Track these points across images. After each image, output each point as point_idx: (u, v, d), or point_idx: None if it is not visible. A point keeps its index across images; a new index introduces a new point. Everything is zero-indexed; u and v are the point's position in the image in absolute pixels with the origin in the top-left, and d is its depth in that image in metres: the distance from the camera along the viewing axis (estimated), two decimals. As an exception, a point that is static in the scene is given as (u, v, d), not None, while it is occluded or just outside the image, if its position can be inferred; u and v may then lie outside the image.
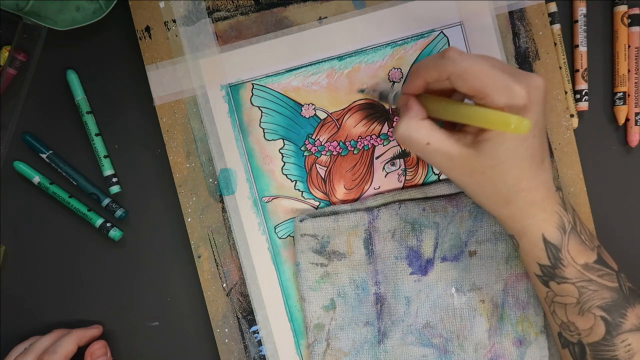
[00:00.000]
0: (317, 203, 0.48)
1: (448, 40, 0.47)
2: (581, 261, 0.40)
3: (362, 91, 0.47)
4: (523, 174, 0.38)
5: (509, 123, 0.34)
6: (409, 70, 0.47)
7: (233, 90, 0.47)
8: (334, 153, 0.48)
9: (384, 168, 0.48)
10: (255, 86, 0.47)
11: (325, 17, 0.47)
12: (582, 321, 0.40)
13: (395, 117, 0.47)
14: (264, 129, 0.47)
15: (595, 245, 0.41)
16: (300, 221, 0.46)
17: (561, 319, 0.41)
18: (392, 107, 0.47)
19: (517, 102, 0.36)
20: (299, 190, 0.48)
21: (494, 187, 0.39)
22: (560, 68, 0.48)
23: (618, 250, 0.49)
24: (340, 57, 0.47)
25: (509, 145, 0.37)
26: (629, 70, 0.49)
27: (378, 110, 0.47)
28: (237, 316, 0.48)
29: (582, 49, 0.48)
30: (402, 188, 0.48)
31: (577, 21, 0.48)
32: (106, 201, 0.48)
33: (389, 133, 0.47)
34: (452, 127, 0.42)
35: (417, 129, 0.39)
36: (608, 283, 0.40)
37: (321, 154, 0.48)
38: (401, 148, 0.48)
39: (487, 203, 0.41)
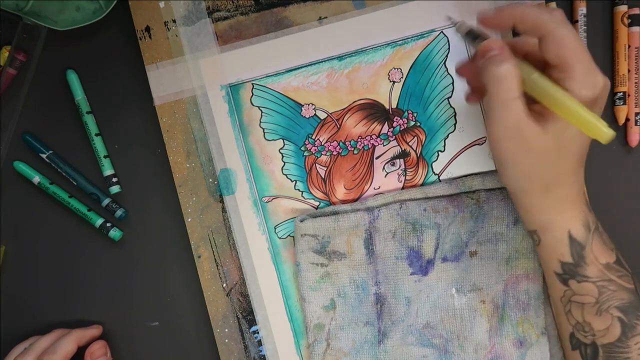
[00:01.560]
0: (317, 203, 0.48)
1: (448, 40, 0.47)
2: (603, 261, 0.40)
3: (450, 18, 0.44)
4: (572, 166, 0.39)
5: (597, 128, 0.33)
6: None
7: (233, 90, 0.47)
8: (334, 153, 0.48)
9: (384, 168, 0.48)
10: (255, 86, 0.47)
11: (325, 17, 0.47)
12: (599, 321, 0.40)
13: (396, 117, 0.47)
14: (264, 129, 0.47)
15: (613, 247, 0.41)
16: (301, 221, 0.46)
17: (577, 319, 0.41)
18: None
19: (592, 91, 0.36)
20: (299, 190, 0.48)
21: (542, 170, 0.38)
22: (560, 68, 0.48)
23: (618, 250, 0.49)
24: (340, 57, 0.47)
25: (570, 134, 0.37)
26: (629, 70, 0.49)
27: (378, 110, 0.47)
28: (237, 316, 0.48)
29: (582, 49, 0.48)
30: (402, 188, 0.48)
31: (577, 21, 0.48)
32: (106, 201, 0.48)
33: (388, 133, 0.47)
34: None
35: (513, 77, 0.36)
36: (626, 284, 0.40)
37: (321, 154, 0.48)
38: (401, 148, 0.48)
39: (527, 186, 0.40)
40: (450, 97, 0.47)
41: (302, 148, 0.47)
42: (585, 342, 0.41)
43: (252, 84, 0.47)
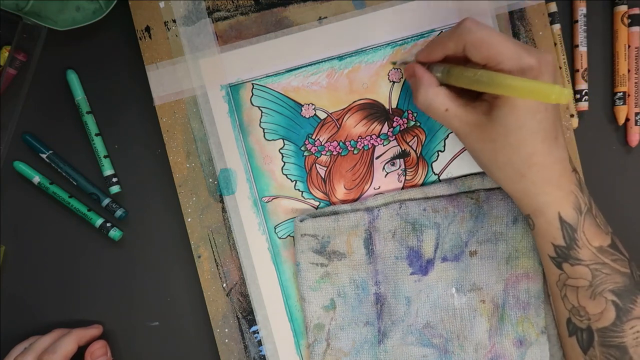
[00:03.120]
0: (317, 203, 0.48)
1: (448, 40, 0.47)
2: (596, 244, 0.40)
3: (394, 63, 0.47)
4: (536, 147, 0.39)
5: (550, 93, 0.33)
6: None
7: (233, 90, 0.47)
8: (334, 153, 0.48)
9: (384, 168, 0.48)
10: (255, 86, 0.47)
11: (325, 17, 0.47)
12: (593, 305, 0.40)
13: (396, 118, 0.47)
14: (264, 129, 0.47)
15: (610, 231, 0.41)
16: (301, 221, 0.46)
17: (572, 303, 0.41)
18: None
19: (528, 72, 0.37)
20: (299, 190, 0.48)
21: (507, 156, 0.39)
22: (560, 68, 0.48)
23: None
24: (340, 57, 0.47)
25: (521, 116, 0.38)
26: (629, 70, 0.49)
27: (378, 110, 0.47)
28: (237, 316, 0.48)
29: (582, 49, 0.48)
30: (402, 188, 0.48)
31: (577, 21, 0.48)
32: (106, 201, 0.48)
33: (388, 133, 0.47)
34: (469, 97, 0.42)
35: (435, 96, 0.40)
36: (621, 268, 0.40)
37: (321, 154, 0.48)
38: (401, 148, 0.48)
39: (500, 175, 0.41)
40: (450, 97, 0.47)
41: (302, 148, 0.47)
42: (581, 327, 0.41)
43: (252, 84, 0.47)
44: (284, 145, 0.47)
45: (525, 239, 0.46)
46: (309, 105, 0.47)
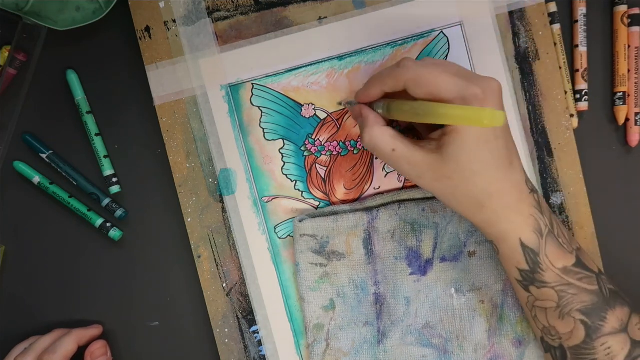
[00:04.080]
0: (317, 203, 0.48)
1: (448, 40, 0.47)
2: (560, 265, 0.40)
3: (339, 104, 0.47)
4: (491, 177, 0.38)
5: (482, 117, 0.33)
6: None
7: (233, 90, 0.47)
8: (334, 153, 0.48)
9: (384, 168, 0.48)
10: (255, 86, 0.47)
11: (325, 17, 0.47)
12: (563, 325, 0.40)
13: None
14: (264, 129, 0.47)
15: (574, 248, 0.41)
16: (300, 221, 0.46)
17: (542, 323, 0.41)
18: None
19: (473, 102, 0.36)
20: (299, 190, 0.48)
21: (464, 191, 0.39)
22: (560, 68, 0.48)
23: (618, 251, 0.49)
24: (340, 57, 0.47)
25: (471, 148, 0.37)
26: (629, 70, 0.49)
27: (378, 110, 0.47)
28: (237, 316, 0.48)
29: (582, 49, 0.48)
30: (402, 188, 0.48)
31: (577, 21, 0.48)
32: (106, 201, 0.48)
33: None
34: (417, 137, 0.42)
35: (381, 136, 0.40)
36: (588, 286, 0.40)
37: (321, 154, 0.48)
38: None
39: (461, 209, 0.40)
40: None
41: (302, 148, 0.47)
42: (554, 345, 0.41)
43: (252, 84, 0.47)
44: (284, 145, 0.47)
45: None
46: (309, 105, 0.47)
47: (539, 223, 0.40)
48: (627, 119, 0.49)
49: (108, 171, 0.48)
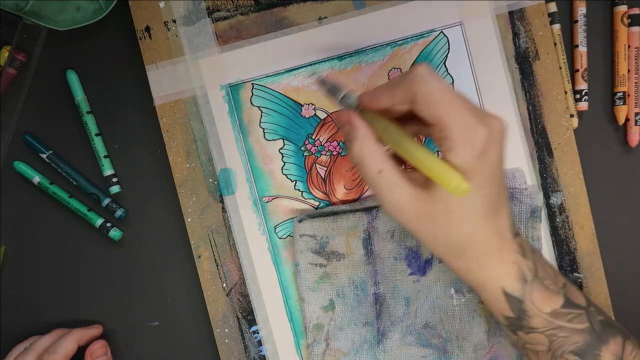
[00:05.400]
0: (317, 203, 0.48)
1: (448, 40, 0.47)
2: (547, 309, 0.37)
3: (313, 76, 0.45)
4: (478, 224, 0.36)
5: (449, 180, 0.32)
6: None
7: (233, 90, 0.47)
8: (334, 153, 0.48)
9: (384, 168, 0.48)
10: (255, 86, 0.47)
11: (325, 17, 0.47)
12: None
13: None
14: (264, 129, 0.47)
15: (561, 286, 0.39)
16: (299, 222, 0.46)
17: None
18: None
19: (477, 145, 0.34)
20: (299, 190, 0.48)
21: (446, 236, 0.36)
22: (560, 68, 0.48)
23: (618, 251, 0.49)
24: (340, 57, 0.47)
25: None
26: (629, 70, 0.49)
27: (378, 110, 0.47)
28: (237, 316, 0.48)
29: (582, 49, 0.48)
30: (402, 188, 0.48)
31: (577, 21, 0.48)
32: (106, 201, 0.48)
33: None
34: (401, 163, 0.38)
35: (370, 153, 0.36)
36: (578, 326, 0.38)
37: (321, 154, 0.48)
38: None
39: (439, 253, 0.38)
40: (450, 97, 0.47)
41: (302, 148, 0.47)
42: None
43: (252, 84, 0.47)
44: (284, 145, 0.47)
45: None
46: (309, 105, 0.47)
47: (523, 269, 0.37)
48: (627, 119, 0.49)
49: (108, 171, 0.48)
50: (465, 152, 0.34)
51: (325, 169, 0.48)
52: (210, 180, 0.47)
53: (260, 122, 0.47)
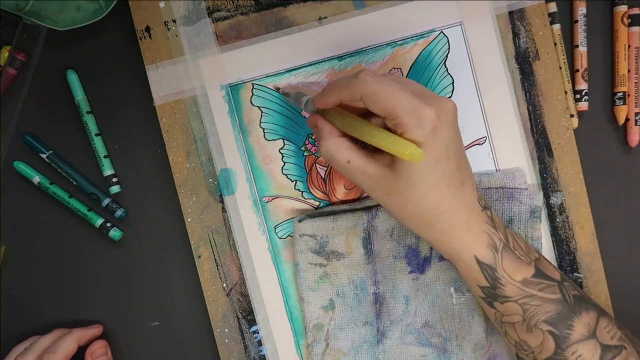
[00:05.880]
0: (317, 203, 0.48)
1: (448, 40, 0.47)
2: (519, 277, 0.40)
3: (277, 89, 0.47)
4: (442, 197, 0.38)
5: (402, 150, 0.35)
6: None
7: (233, 90, 0.47)
8: (334, 153, 0.47)
9: (384, 168, 0.48)
10: (255, 86, 0.47)
11: (325, 17, 0.47)
12: (532, 338, 0.40)
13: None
14: (264, 129, 0.47)
15: (533, 259, 0.41)
16: (299, 221, 0.46)
17: (514, 338, 0.41)
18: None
19: (426, 124, 0.37)
20: (299, 190, 0.48)
21: (413, 208, 0.39)
22: (560, 68, 0.48)
23: (618, 251, 0.49)
24: (340, 57, 0.47)
25: (421, 168, 0.37)
26: (629, 70, 0.49)
27: (378, 110, 0.47)
28: (237, 316, 0.48)
29: (582, 49, 0.48)
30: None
31: (577, 21, 0.48)
32: (106, 201, 0.48)
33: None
34: (372, 149, 0.41)
35: (336, 148, 0.40)
36: (550, 295, 0.40)
37: (321, 154, 0.48)
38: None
39: (410, 225, 0.40)
40: (450, 97, 0.47)
41: (302, 148, 0.47)
42: None
43: (252, 84, 0.47)
44: (284, 145, 0.47)
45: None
46: (309, 105, 0.47)
47: (493, 238, 0.40)
48: (627, 119, 0.49)
49: (108, 171, 0.48)
50: (415, 131, 0.37)
51: (325, 169, 0.48)
52: (210, 180, 0.47)
53: (260, 122, 0.47)
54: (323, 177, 0.48)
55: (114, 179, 0.48)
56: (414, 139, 0.37)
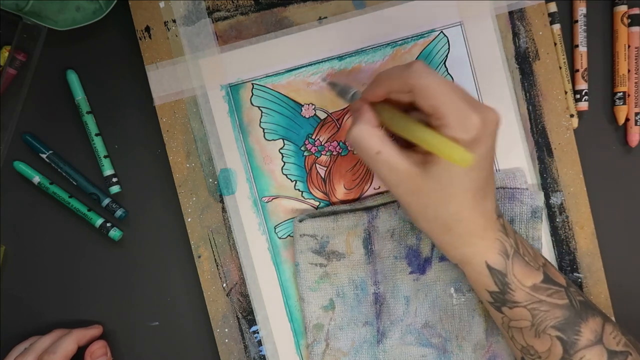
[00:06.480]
0: (317, 203, 0.48)
1: (448, 40, 0.47)
2: (529, 283, 0.40)
3: (324, 80, 0.47)
4: (465, 203, 0.39)
5: (453, 153, 0.35)
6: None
7: (233, 90, 0.47)
8: (334, 153, 0.48)
9: (384, 168, 0.48)
10: (255, 86, 0.47)
11: (325, 17, 0.47)
12: (540, 343, 0.40)
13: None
14: (264, 129, 0.47)
15: (541, 265, 0.41)
16: (300, 221, 0.46)
17: (520, 343, 0.41)
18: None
19: (470, 131, 0.37)
20: (299, 190, 0.48)
21: (435, 211, 0.39)
22: (560, 68, 0.48)
23: (618, 251, 0.49)
24: (340, 57, 0.47)
25: (455, 173, 0.38)
26: (629, 70, 0.49)
27: (378, 110, 0.47)
28: (237, 316, 0.48)
29: (582, 49, 0.48)
30: (402, 188, 0.48)
31: (577, 21, 0.48)
32: (106, 201, 0.48)
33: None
34: (405, 145, 0.41)
35: (368, 135, 0.39)
36: (558, 301, 0.40)
37: (321, 154, 0.48)
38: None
39: (427, 227, 0.40)
40: (450, 97, 0.47)
41: (302, 148, 0.47)
42: None
43: (252, 84, 0.47)
44: (284, 145, 0.47)
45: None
46: (309, 105, 0.47)
47: (505, 245, 0.40)
48: (627, 119, 0.49)
49: (108, 171, 0.48)
50: (459, 136, 0.37)
51: (325, 169, 0.48)
52: (210, 180, 0.47)
53: (260, 122, 0.47)
54: (323, 177, 0.48)
55: (114, 179, 0.48)
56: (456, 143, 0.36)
